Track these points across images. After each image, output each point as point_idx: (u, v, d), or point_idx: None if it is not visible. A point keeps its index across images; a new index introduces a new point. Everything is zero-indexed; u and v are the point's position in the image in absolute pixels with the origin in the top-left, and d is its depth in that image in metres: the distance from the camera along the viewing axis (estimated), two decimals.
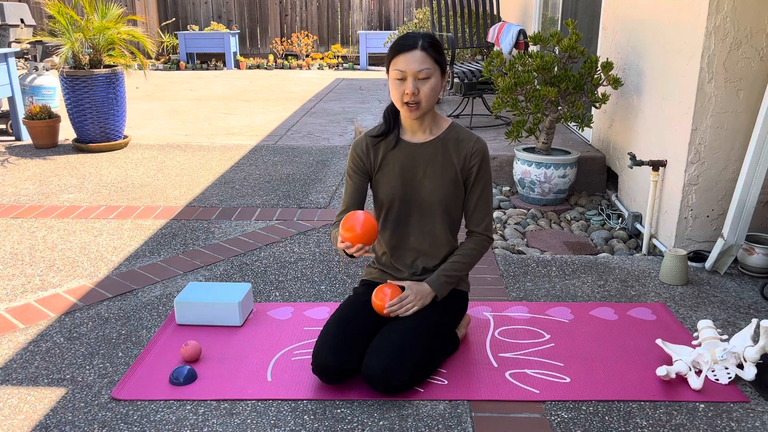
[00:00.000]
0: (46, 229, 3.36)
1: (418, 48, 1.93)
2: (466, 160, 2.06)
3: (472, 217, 2.12)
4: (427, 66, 1.93)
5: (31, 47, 6.76)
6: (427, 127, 2.08)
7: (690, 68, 2.84)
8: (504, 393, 1.95)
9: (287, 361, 2.13)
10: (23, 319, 2.42)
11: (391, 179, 2.09)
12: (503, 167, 4.20)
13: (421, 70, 1.92)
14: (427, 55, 1.93)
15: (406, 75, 1.93)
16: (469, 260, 2.11)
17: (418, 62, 1.92)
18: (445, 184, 2.06)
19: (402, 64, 1.93)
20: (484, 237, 2.12)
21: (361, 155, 2.11)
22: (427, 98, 1.96)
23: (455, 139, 2.08)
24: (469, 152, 2.06)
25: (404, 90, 1.94)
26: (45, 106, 5.17)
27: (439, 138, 2.07)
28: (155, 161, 4.76)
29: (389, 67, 1.98)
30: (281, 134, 5.76)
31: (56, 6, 4.93)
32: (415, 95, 1.94)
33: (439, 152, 2.07)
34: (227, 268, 2.89)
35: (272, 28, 12.21)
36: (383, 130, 2.10)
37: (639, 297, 2.62)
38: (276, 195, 3.95)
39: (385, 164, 2.09)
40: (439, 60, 1.96)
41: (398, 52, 1.94)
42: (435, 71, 1.96)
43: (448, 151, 2.07)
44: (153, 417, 1.85)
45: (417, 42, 1.94)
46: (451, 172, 2.07)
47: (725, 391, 1.97)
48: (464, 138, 2.08)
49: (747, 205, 2.70)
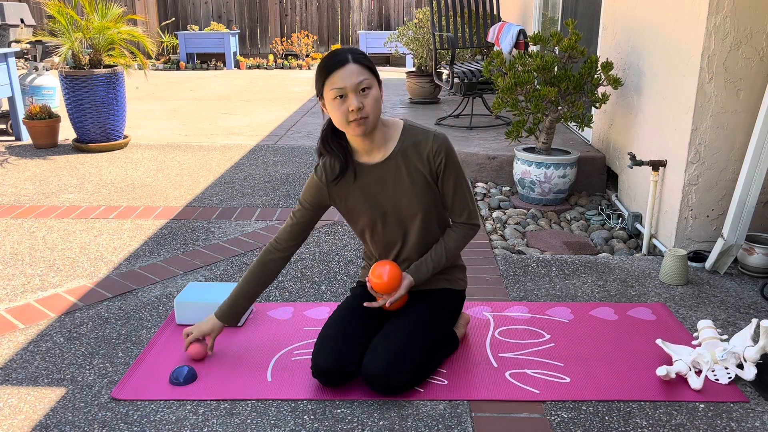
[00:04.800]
0: (46, 229, 3.36)
1: (350, 61, 1.84)
2: (431, 161, 1.98)
3: (452, 209, 2.06)
4: (365, 76, 1.84)
5: (31, 47, 6.76)
6: (380, 143, 1.97)
7: (690, 68, 2.84)
8: (504, 393, 1.95)
9: (287, 361, 2.13)
10: (23, 319, 2.42)
11: (365, 206, 2.02)
12: (503, 167, 4.20)
13: (360, 82, 1.83)
14: (361, 66, 1.85)
15: (345, 91, 1.82)
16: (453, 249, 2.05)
17: (356, 75, 1.82)
18: (421, 193, 1.99)
19: (339, 81, 1.82)
20: (468, 226, 2.07)
21: (321, 196, 2.04)
22: (372, 110, 1.85)
23: (413, 144, 1.98)
24: (431, 153, 1.97)
25: (348, 107, 1.83)
26: (45, 106, 5.17)
27: (397, 150, 1.98)
28: (155, 161, 4.76)
29: (324, 89, 1.86)
30: (281, 134, 5.76)
31: (56, 6, 4.93)
32: (360, 110, 1.83)
33: (401, 165, 1.98)
34: (227, 268, 2.89)
35: (272, 28, 12.21)
36: (338, 168, 1.98)
37: (639, 297, 2.62)
38: (276, 195, 3.95)
39: (353, 195, 2.02)
40: (373, 70, 1.89)
41: (331, 71, 1.83)
42: (373, 81, 1.87)
43: (410, 160, 1.98)
44: (153, 417, 1.85)
45: (347, 56, 1.85)
46: (421, 179, 1.99)
47: (725, 391, 1.97)
48: (422, 139, 1.97)
49: (747, 205, 2.70)
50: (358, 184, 2.01)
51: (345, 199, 2.04)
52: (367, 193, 2.01)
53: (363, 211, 2.03)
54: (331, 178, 2.01)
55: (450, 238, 2.07)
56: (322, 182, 2.03)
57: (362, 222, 2.06)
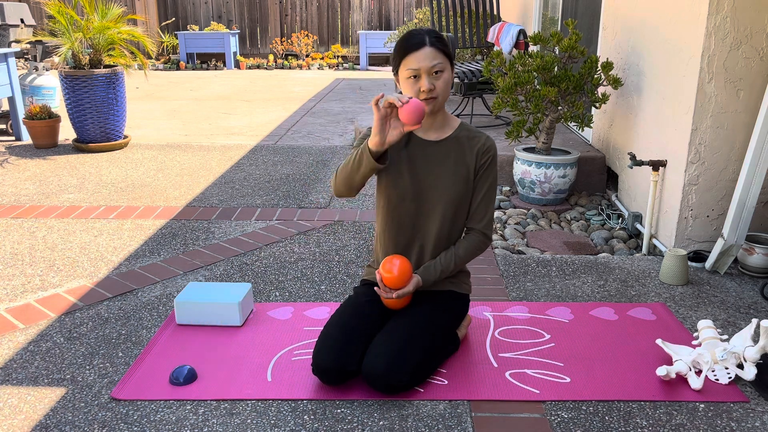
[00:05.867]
0: (46, 229, 3.36)
1: (427, 44, 1.92)
2: (479, 157, 2.06)
3: (474, 213, 2.10)
4: (439, 60, 1.93)
5: (31, 47, 6.76)
6: (439, 125, 2.07)
7: (690, 68, 2.84)
8: (504, 393, 1.95)
9: (287, 361, 2.13)
10: (23, 319, 2.42)
11: (400, 177, 2.06)
12: (503, 167, 4.20)
13: (434, 65, 1.92)
14: (437, 50, 1.93)
15: (420, 72, 1.92)
16: (462, 257, 2.08)
17: (431, 58, 1.92)
18: (458, 182, 2.05)
19: (414, 63, 1.92)
20: (483, 235, 2.10)
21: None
22: (442, 92, 1.96)
23: (467, 137, 2.07)
24: (482, 149, 2.06)
25: (420, 87, 1.93)
26: (45, 106, 5.17)
27: (453, 136, 2.07)
28: (155, 161, 4.76)
29: (399, 68, 1.97)
30: (281, 134, 5.76)
31: (56, 6, 4.93)
32: (432, 91, 1.94)
33: (453, 151, 2.06)
34: (227, 268, 2.89)
35: (272, 28, 12.21)
36: None
37: (639, 297, 2.62)
38: (276, 195, 3.95)
39: (397, 161, 2.06)
40: (447, 53, 1.97)
41: (408, 52, 1.93)
42: (446, 64, 1.96)
43: (462, 149, 2.06)
44: (153, 417, 1.85)
45: (424, 39, 1.94)
46: (464, 170, 2.06)
47: (725, 391, 1.97)
48: (475, 136, 2.08)
49: (747, 205, 2.70)
50: (407, 152, 2.06)
51: (390, 161, 2.06)
52: (411, 165, 2.06)
53: (398, 180, 2.05)
54: None
55: (461, 245, 2.10)
56: None
57: (391, 192, 2.07)
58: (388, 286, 1.99)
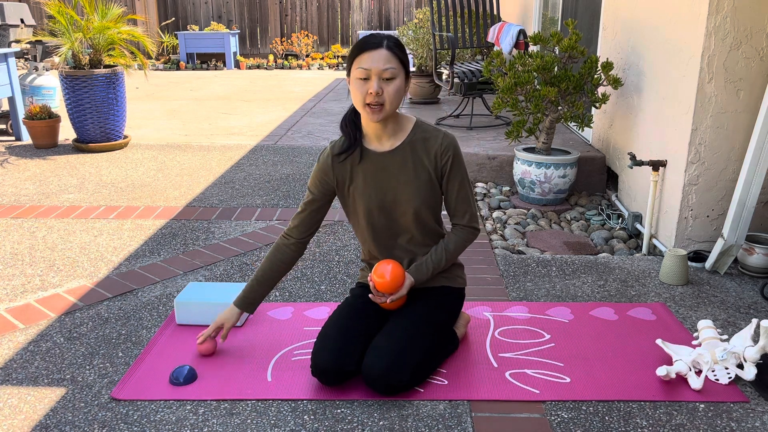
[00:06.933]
0: (46, 229, 3.36)
1: (383, 47, 1.87)
2: (437, 159, 2.01)
3: (455, 211, 2.08)
4: (393, 65, 1.88)
5: (31, 47, 6.76)
6: (391, 132, 2.01)
7: (690, 68, 2.84)
8: (504, 393, 1.95)
9: (287, 361, 2.13)
10: (23, 319, 2.42)
11: (365, 192, 2.03)
12: (503, 167, 4.20)
13: (386, 69, 1.86)
14: (392, 55, 1.88)
15: (370, 74, 1.87)
16: (453, 252, 2.07)
17: (384, 61, 1.86)
18: (422, 187, 2.01)
19: (366, 62, 1.86)
20: (469, 229, 2.09)
21: (326, 177, 2.06)
22: (391, 99, 1.89)
23: (422, 139, 2.02)
24: (439, 150, 2.00)
25: (367, 90, 1.87)
26: (45, 106, 5.17)
27: (406, 142, 2.01)
28: (155, 161, 4.76)
29: (351, 66, 1.90)
30: (281, 134, 5.76)
31: (56, 6, 4.93)
32: (379, 95, 1.87)
33: (408, 157, 2.01)
34: (227, 268, 2.89)
35: (272, 28, 12.21)
36: (346, 145, 2.02)
37: (639, 297, 2.62)
38: (276, 195, 3.95)
39: (355, 178, 2.03)
40: (403, 61, 1.92)
41: (362, 50, 1.87)
42: (400, 72, 1.90)
43: (417, 154, 2.01)
44: (153, 417, 1.85)
45: (382, 41, 1.89)
46: (425, 174, 2.01)
47: (725, 391, 1.97)
48: (431, 136, 2.02)
49: (747, 205, 2.70)
50: (363, 167, 2.02)
51: (348, 182, 2.05)
52: (370, 180, 2.02)
53: (363, 198, 2.04)
54: (336, 152, 2.03)
55: (450, 240, 2.08)
56: (328, 159, 2.05)
57: (360, 208, 2.06)
58: (381, 291, 1.98)
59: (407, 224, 2.06)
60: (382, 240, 2.11)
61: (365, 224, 2.09)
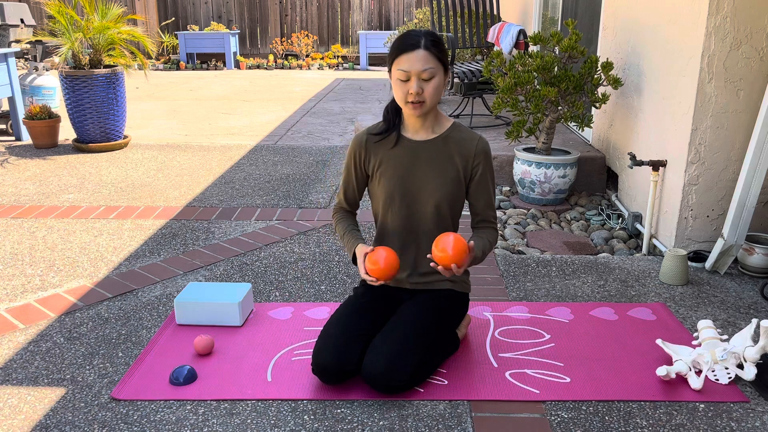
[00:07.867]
0: (46, 229, 3.36)
1: (421, 47, 1.90)
2: (469, 160, 2.06)
3: (484, 212, 2.12)
4: (431, 65, 1.91)
5: (31, 47, 6.76)
6: (429, 126, 2.07)
7: (690, 68, 2.84)
8: (504, 393, 1.95)
9: (287, 361, 2.13)
10: (23, 319, 2.42)
11: (391, 178, 2.07)
12: (503, 167, 4.20)
13: (425, 70, 1.90)
14: (430, 54, 1.91)
15: (409, 75, 1.91)
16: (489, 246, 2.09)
17: (422, 62, 1.90)
18: (447, 183, 2.05)
19: (405, 64, 1.91)
20: (494, 227, 2.14)
21: (360, 153, 2.11)
22: (431, 97, 1.95)
23: (457, 138, 2.07)
24: (472, 152, 2.05)
25: (408, 90, 1.93)
26: (45, 106, 5.17)
27: (441, 136, 2.06)
28: (155, 161, 4.76)
29: (392, 66, 1.96)
30: (281, 134, 5.76)
31: (56, 6, 4.93)
32: (419, 95, 1.93)
33: (440, 150, 2.06)
34: (227, 268, 2.89)
35: (272, 28, 12.21)
36: (384, 128, 2.09)
37: (639, 297, 2.62)
38: (276, 195, 3.95)
39: (385, 162, 2.08)
40: (441, 58, 1.95)
41: (401, 52, 1.92)
42: (438, 70, 1.94)
43: (449, 150, 2.06)
44: (153, 417, 1.85)
45: (419, 41, 1.91)
46: (453, 171, 2.06)
47: (725, 391, 1.97)
48: (467, 138, 2.07)
49: (747, 205, 2.70)
50: (395, 152, 2.07)
51: (379, 163, 2.09)
52: (399, 165, 2.06)
53: (389, 181, 2.07)
54: (373, 132, 2.10)
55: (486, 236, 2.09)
56: (363, 136, 2.10)
57: (383, 192, 2.09)
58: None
59: (426, 217, 2.08)
60: (398, 230, 2.11)
61: (384, 212, 2.11)
